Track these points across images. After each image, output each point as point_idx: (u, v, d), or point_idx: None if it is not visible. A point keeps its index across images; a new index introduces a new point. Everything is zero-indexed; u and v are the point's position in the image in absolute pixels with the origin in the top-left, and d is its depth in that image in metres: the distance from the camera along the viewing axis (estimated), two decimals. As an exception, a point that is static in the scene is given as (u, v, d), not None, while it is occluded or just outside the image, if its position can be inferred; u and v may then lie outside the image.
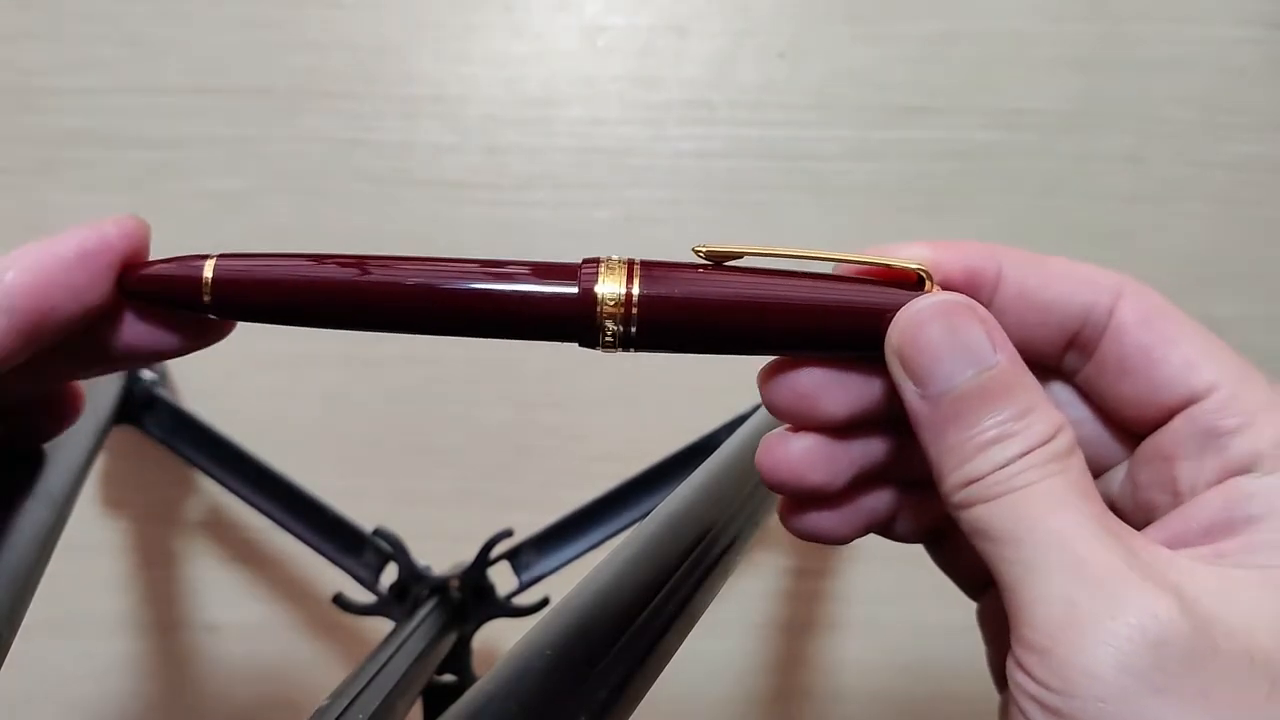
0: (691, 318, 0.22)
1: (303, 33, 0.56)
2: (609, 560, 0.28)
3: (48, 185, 0.56)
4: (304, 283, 0.22)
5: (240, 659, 0.60)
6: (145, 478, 0.59)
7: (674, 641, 0.27)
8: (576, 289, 0.21)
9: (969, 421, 0.20)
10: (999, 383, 0.20)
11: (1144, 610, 0.18)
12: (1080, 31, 0.56)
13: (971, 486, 0.20)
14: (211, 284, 0.22)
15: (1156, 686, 0.17)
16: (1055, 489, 0.19)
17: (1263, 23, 0.56)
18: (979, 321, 0.21)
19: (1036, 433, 0.20)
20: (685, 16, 0.56)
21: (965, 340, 0.21)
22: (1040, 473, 0.20)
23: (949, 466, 0.20)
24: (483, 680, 0.24)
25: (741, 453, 0.37)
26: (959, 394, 0.20)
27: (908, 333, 0.21)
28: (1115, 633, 0.18)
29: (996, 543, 0.20)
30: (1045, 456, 0.20)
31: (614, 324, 0.21)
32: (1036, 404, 0.20)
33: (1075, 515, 0.19)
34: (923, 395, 0.21)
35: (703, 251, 0.22)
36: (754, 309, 0.22)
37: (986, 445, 0.20)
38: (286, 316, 0.23)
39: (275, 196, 0.56)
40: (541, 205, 0.56)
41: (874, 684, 0.61)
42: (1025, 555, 0.19)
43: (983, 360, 0.20)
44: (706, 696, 0.61)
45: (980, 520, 0.20)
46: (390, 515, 0.51)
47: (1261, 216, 0.57)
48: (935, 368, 0.20)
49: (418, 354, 0.58)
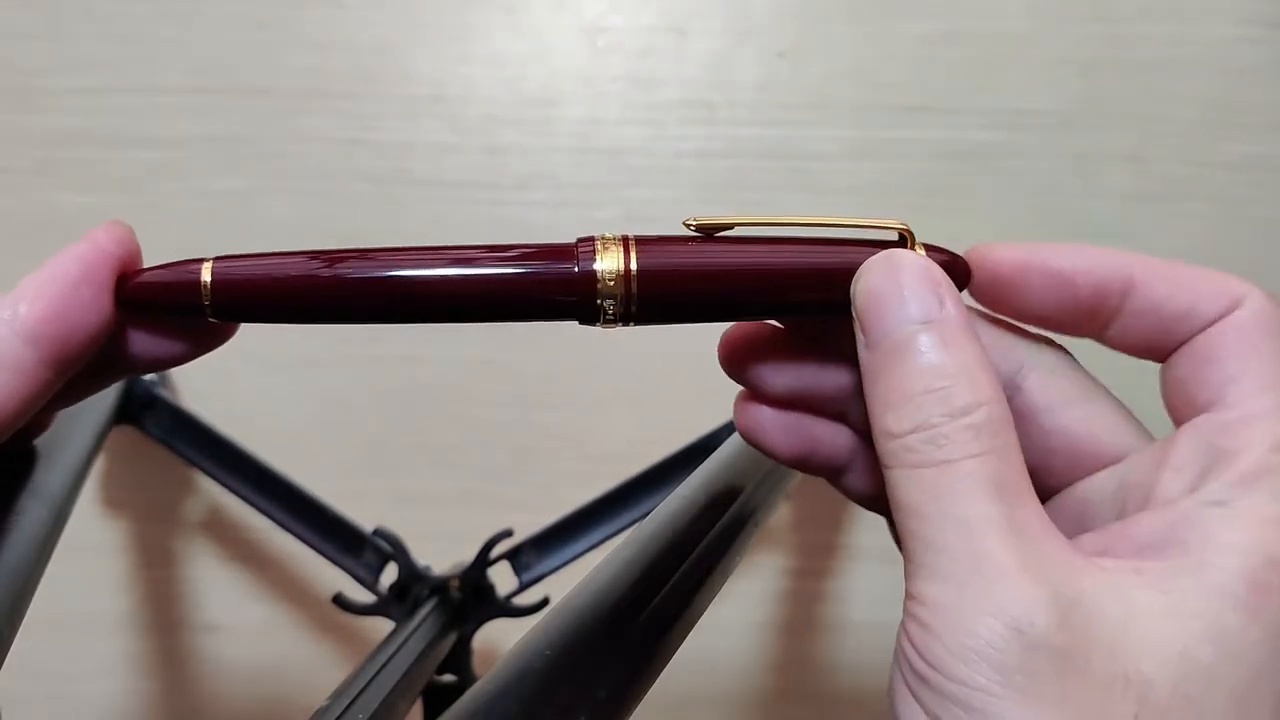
0: (689, 289, 0.22)
1: (303, 33, 0.56)
2: (609, 560, 0.29)
3: (48, 185, 0.56)
4: (302, 280, 0.22)
5: (240, 659, 0.60)
6: (145, 478, 0.59)
7: (674, 641, 0.27)
8: (576, 268, 0.22)
9: (897, 372, 0.21)
10: (937, 337, 0.21)
11: (1024, 613, 0.18)
12: (1080, 31, 0.56)
13: (893, 442, 0.20)
14: (210, 287, 0.22)
15: (1016, 685, 0.18)
16: (973, 471, 0.20)
17: (1263, 23, 0.56)
18: (928, 277, 0.21)
19: (961, 398, 0.20)
20: (685, 16, 0.56)
21: (911, 292, 0.21)
22: (960, 450, 0.20)
23: (876, 414, 0.21)
24: (483, 680, 0.24)
25: (742, 453, 0.37)
26: (894, 342, 0.21)
27: (860, 281, 0.22)
28: (990, 627, 0.18)
29: (904, 512, 0.20)
30: (967, 430, 0.20)
31: (614, 300, 0.22)
32: (968, 369, 0.20)
33: (985, 504, 0.19)
34: (867, 344, 0.21)
35: (694, 224, 0.23)
36: (749, 276, 0.23)
37: (910, 396, 0.20)
38: (287, 315, 0.23)
39: (275, 196, 0.56)
40: (541, 205, 0.56)
41: (874, 684, 0.61)
42: (927, 533, 0.20)
43: (925, 313, 0.21)
44: (706, 696, 0.61)
45: (897, 486, 0.20)
46: (390, 515, 0.51)
47: (1261, 216, 0.57)
48: (880, 316, 0.21)
49: (418, 354, 0.58)
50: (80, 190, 0.56)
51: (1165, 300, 0.22)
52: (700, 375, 0.57)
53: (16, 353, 0.21)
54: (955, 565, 0.19)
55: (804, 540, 0.60)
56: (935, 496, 0.20)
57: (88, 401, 0.43)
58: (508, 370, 0.58)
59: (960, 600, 0.19)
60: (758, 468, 0.36)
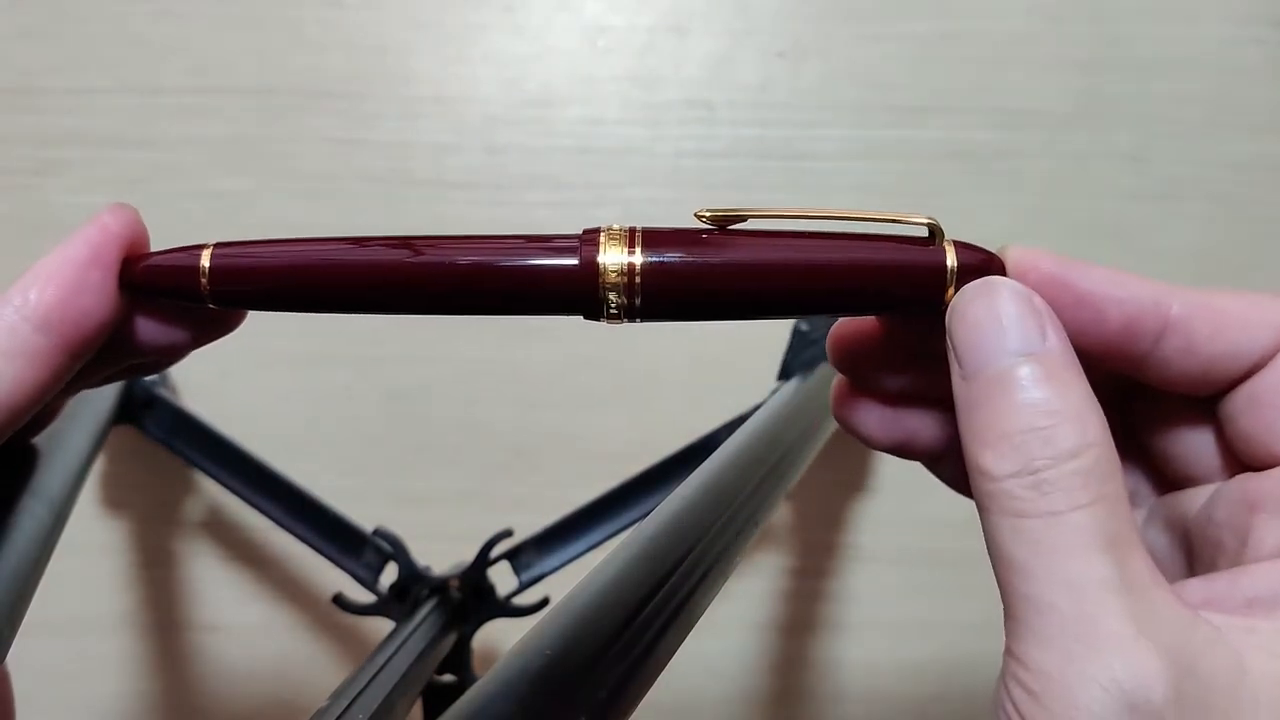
0: (696, 284, 0.21)
1: (302, 33, 0.56)
2: (609, 560, 0.28)
3: (48, 185, 0.56)
4: (302, 267, 0.22)
5: (240, 659, 0.60)
6: (145, 478, 0.59)
7: (674, 641, 0.27)
8: (578, 260, 0.21)
9: (998, 406, 0.19)
10: (1038, 372, 0.19)
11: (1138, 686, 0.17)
12: (1081, 31, 0.56)
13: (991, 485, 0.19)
14: (209, 272, 0.22)
15: None
16: (1081, 525, 0.18)
17: (1263, 23, 0.56)
18: (1030, 306, 0.20)
19: (1066, 440, 0.19)
20: (685, 16, 0.56)
21: (1011, 322, 0.20)
22: (1067, 500, 0.18)
23: (975, 450, 0.20)
24: (482, 680, 0.24)
25: (741, 453, 0.37)
26: (992, 374, 0.20)
27: (957, 308, 0.21)
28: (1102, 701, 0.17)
29: (1006, 565, 0.19)
30: (1075, 478, 0.19)
31: (618, 294, 0.21)
32: (1073, 407, 0.19)
33: (1096, 562, 0.18)
34: (963, 375, 0.20)
35: (705, 216, 0.22)
36: (759, 273, 0.21)
37: (1010, 435, 0.19)
38: (286, 303, 0.22)
39: (275, 196, 0.56)
40: (541, 205, 0.56)
41: (874, 684, 0.61)
42: (1034, 592, 0.18)
43: (1026, 346, 0.20)
44: (706, 696, 0.61)
45: (997, 534, 0.19)
46: (390, 515, 0.51)
47: (1262, 216, 0.57)
48: (976, 346, 0.20)
49: (418, 354, 0.58)
50: (80, 190, 0.56)
51: (1207, 341, 0.21)
52: (700, 375, 0.57)
53: (29, 340, 0.21)
54: (1064, 629, 0.18)
55: (804, 540, 0.60)
56: (1041, 552, 0.18)
57: (88, 401, 0.43)
58: (508, 370, 0.58)
59: (1069, 668, 0.18)
60: (757, 468, 0.36)
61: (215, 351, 0.25)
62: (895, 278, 0.21)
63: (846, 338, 0.24)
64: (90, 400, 0.46)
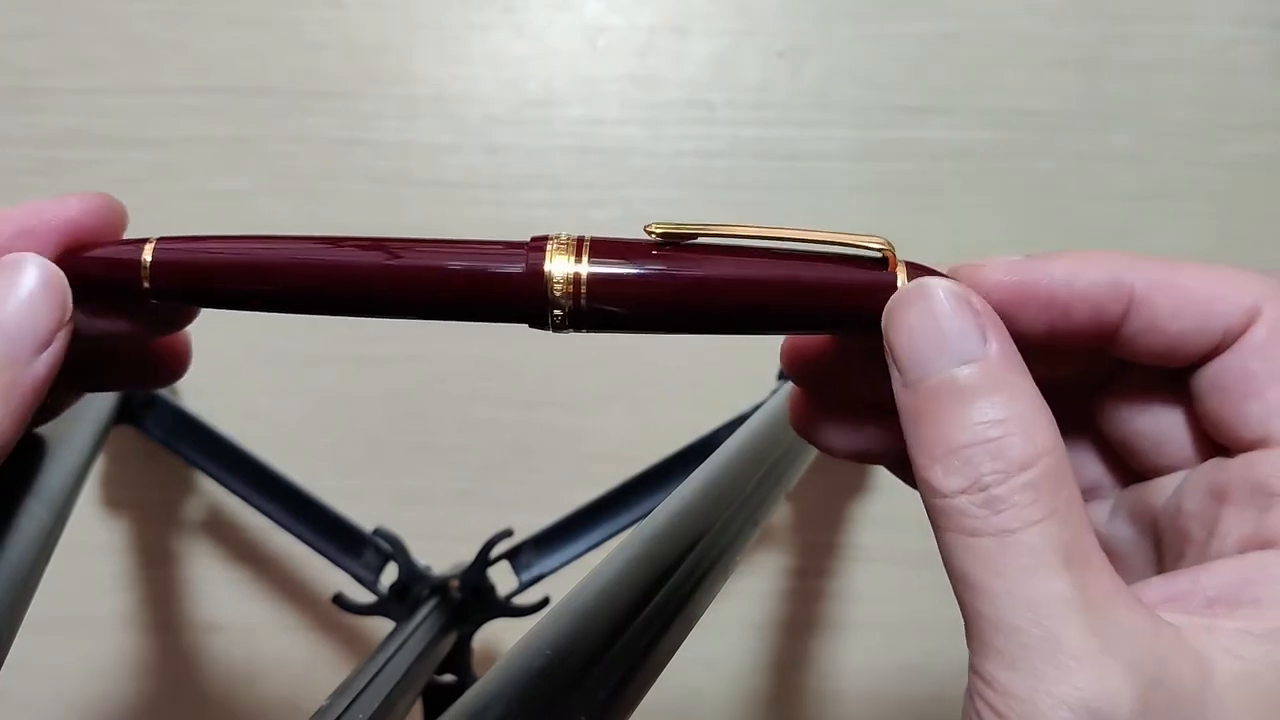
0: (642, 298, 0.21)
1: (302, 33, 0.56)
2: (609, 560, 0.28)
3: (48, 185, 0.56)
4: (246, 265, 0.22)
5: (240, 659, 0.60)
6: (145, 478, 0.59)
7: (674, 641, 0.27)
8: (524, 267, 0.21)
9: (943, 418, 0.19)
10: (982, 380, 0.19)
11: (1106, 704, 0.17)
12: (1080, 31, 0.56)
13: (941, 501, 0.19)
14: (150, 267, 0.21)
15: None
16: (1035, 545, 0.18)
17: (1263, 23, 0.56)
18: (970, 309, 0.19)
19: (1016, 450, 0.18)
20: (685, 16, 0.56)
21: (950, 328, 0.19)
22: (1019, 517, 0.18)
23: (922, 464, 0.19)
24: (482, 680, 0.24)
25: (741, 453, 0.37)
26: (934, 385, 0.19)
27: (892, 315, 0.20)
28: None
29: (964, 585, 0.19)
30: (1027, 492, 0.18)
31: (564, 303, 0.21)
32: (1022, 414, 0.19)
33: (1054, 584, 0.18)
34: (904, 383, 0.20)
35: (656, 230, 0.21)
36: (706, 289, 0.21)
37: (957, 449, 0.18)
38: (230, 300, 0.22)
39: (275, 196, 0.56)
40: (541, 205, 0.56)
41: (874, 684, 0.61)
42: (994, 613, 0.18)
43: (967, 352, 0.19)
44: (706, 696, 0.61)
45: (952, 555, 0.19)
46: (390, 515, 0.51)
47: (1261, 216, 0.57)
48: (915, 354, 0.19)
49: (418, 354, 0.58)
50: (80, 190, 0.56)
51: (1169, 319, 0.20)
52: (700, 375, 0.57)
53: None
54: (1027, 651, 0.18)
55: (804, 540, 0.60)
56: (997, 572, 0.18)
57: (88, 401, 0.43)
58: (508, 370, 0.58)
59: (1036, 689, 0.17)
60: (757, 468, 0.36)
61: (215, 351, 0.26)
62: (845, 299, 0.21)
63: (798, 349, 0.24)
64: (90, 400, 0.46)
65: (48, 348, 0.21)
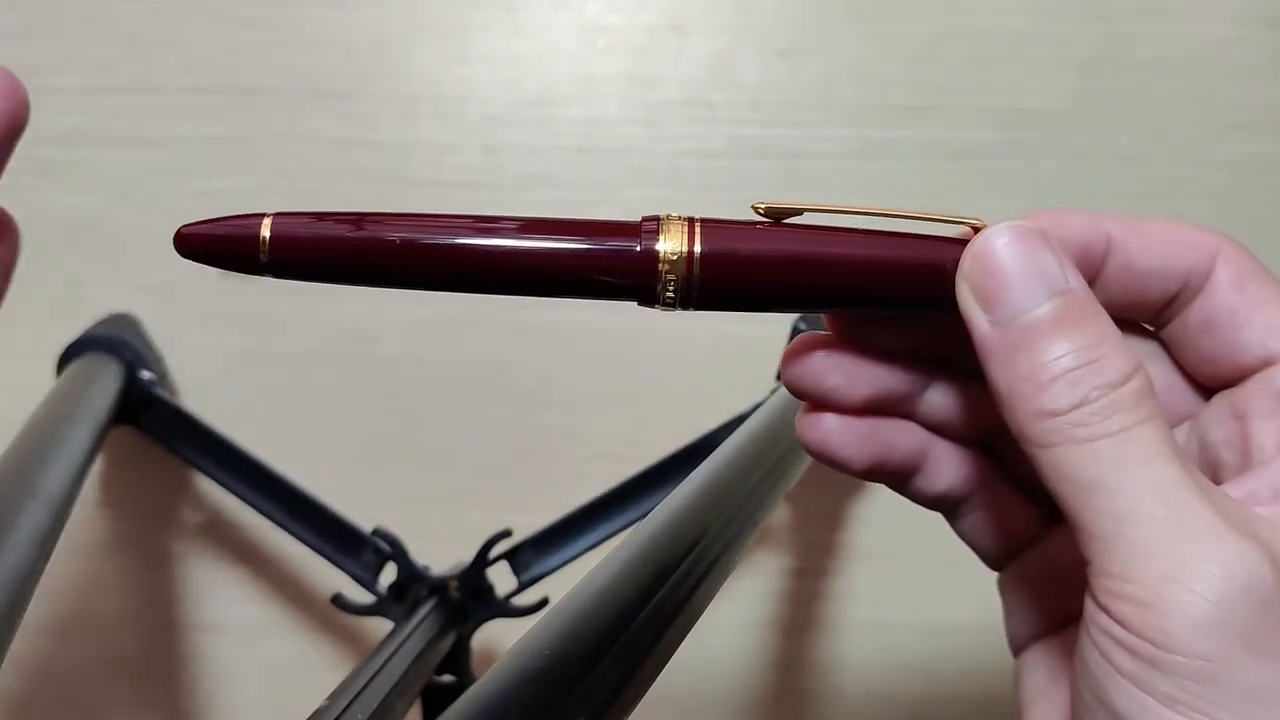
0: (752, 274, 0.22)
1: (301, 32, 0.56)
2: (608, 560, 0.28)
3: (47, 185, 0.56)
4: (361, 242, 0.22)
5: (239, 659, 0.60)
6: (144, 478, 0.59)
7: (673, 641, 0.27)
8: (639, 246, 0.22)
9: (1042, 348, 0.20)
10: (1073, 310, 0.20)
11: (1249, 570, 0.18)
12: (1080, 31, 0.56)
13: (1052, 421, 0.19)
14: (269, 243, 0.22)
15: (1259, 647, 0.18)
16: (1148, 437, 0.19)
17: (1263, 22, 0.56)
18: (1050, 248, 0.21)
19: (1115, 368, 0.20)
20: (685, 16, 0.56)
21: (1038, 265, 0.20)
22: (1129, 418, 0.19)
23: (1024, 396, 0.20)
24: (481, 680, 0.24)
25: (741, 453, 0.37)
26: (1031, 319, 0.20)
27: (980, 257, 0.21)
28: (1222, 592, 0.18)
29: (1085, 490, 0.19)
30: (1131, 399, 0.19)
31: (675, 282, 0.21)
32: (1110, 337, 0.20)
33: (1171, 467, 0.19)
34: (993, 321, 0.20)
35: (762, 208, 0.22)
36: (814, 265, 0.22)
37: (1063, 373, 0.19)
38: (342, 276, 0.23)
39: (275, 196, 0.56)
40: (540, 205, 0.56)
41: (874, 684, 0.61)
42: (1121, 506, 0.19)
43: (1056, 285, 0.20)
44: (706, 696, 0.61)
45: (1068, 463, 0.19)
46: (389, 515, 0.51)
47: (1261, 216, 0.57)
48: (1008, 292, 0.20)
49: (418, 354, 0.58)
50: (80, 190, 0.56)
51: (1140, 256, 0.22)
52: (700, 375, 0.57)
53: None
54: (1163, 533, 0.18)
55: (804, 540, 0.60)
56: (1119, 466, 0.19)
57: (87, 401, 0.43)
58: (507, 370, 0.58)
59: (1183, 569, 0.18)
60: (757, 468, 0.36)
61: (214, 351, 0.25)
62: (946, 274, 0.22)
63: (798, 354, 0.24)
64: (89, 400, 0.47)
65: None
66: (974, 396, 0.24)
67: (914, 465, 0.25)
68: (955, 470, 0.25)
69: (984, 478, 0.25)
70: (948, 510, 0.26)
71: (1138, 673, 0.18)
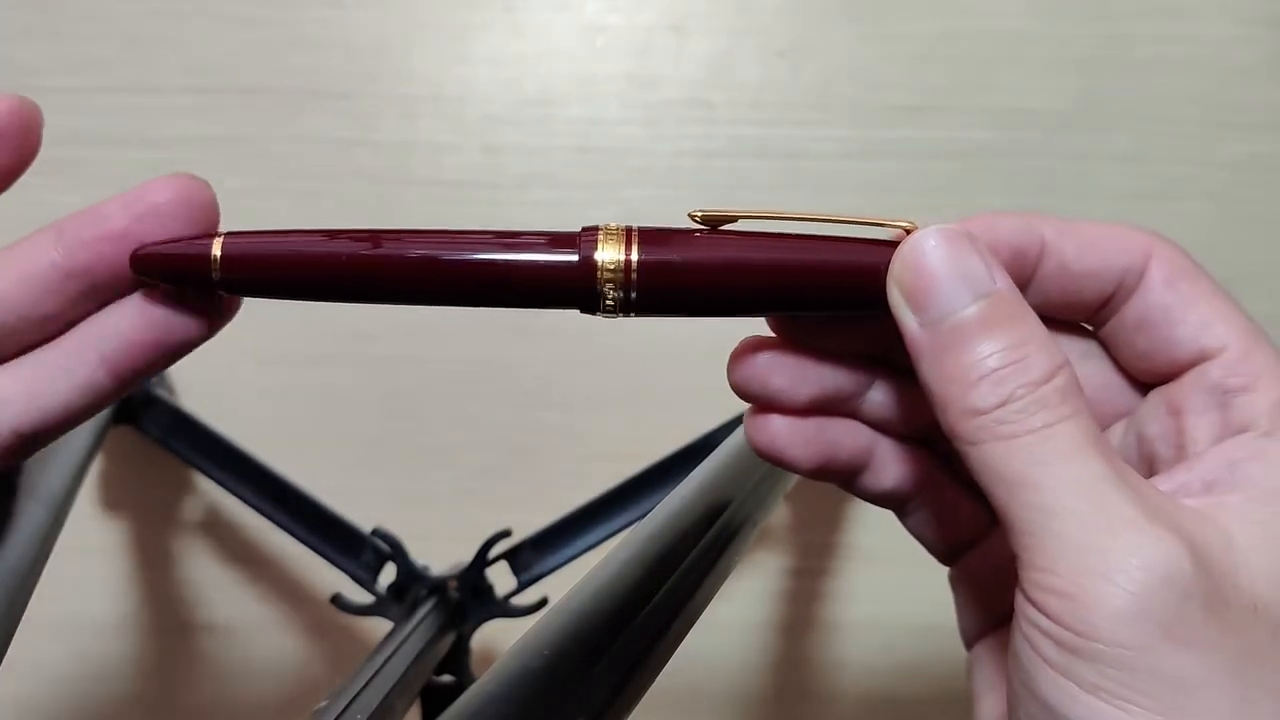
0: (690, 281, 0.22)
1: (301, 32, 0.56)
2: (607, 560, 0.28)
3: (47, 185, 0.55)
4: (310, 257, 0.23)
5: (239, 659, 0.60)
6: (143, 478, 0.59)
7: (673, 641, 0.27)
8: (577, 256, 0.22)
9: (969, 349, 0.20)
10: (998, 311, 0.21)
11: (1168, 562, 0.18)
12: (1079, 31, 0.56)
13: (979, 419, 0.20)
14: (220, 261, 0.22)
15: (1178, 636, 0.18)
16: (1071, 433, 0.20)
17: (1263, 22, 0.56)
18: (977, 250, 0.21)
19: (1039, 366, 0.20)
20: (684, 16, 0.56)
21: (964, 267, 0.21)
22: (1053, 414, 0.20)
23: (952, 395, 0.20)
24: (481, 681, 0.24)
25: (740, 453, 0.37)
26: (958, 320, 0.21)
27: (909, 260, 0.21)
28: (1142, 583, 0.18)
29: (1011, 485, 0.20)
30: (1054, 396, 0.20)
31: (614, 290, 0.22)
32: (1036, 337, 0.21)
33: (1093, 462, 0.19)
34: (922, 323, 0.21)
35: (698, 216, 0.23)
36: (750, 270, 0.22)
37: (989, 373, 0.20)
38: (294, 291, 0.23)
39: (275, 196, 0.56)
40: (540, 204, 0.56)
41: (873, 684, 0.61)
42: (1045, 500, 0.19)
43: (982, 287, 0.21)
44: (705, 696, 0.61)
45: (994, 460, 0.20)
46: (389, 515, 0.51)
47: (1261, 216, 0.57)
48: (935, 293, 0.21)
49: (417, 354, 0.58)
50: (79, 190, 0.56)
51: (1075, 259, 0.22)
52: (699, 375, 0.57)
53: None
54: (1085, 527, 0.19)
55: (804, 540, 0.60)
56: (1041, 461, 0.19)
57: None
58: (507, 370, 0.58)
59: (1103, 562, 0.18)
60: (757, 468, 0.36)
61: (214, 351, 0.25)
62: (880, 276, 0.22)
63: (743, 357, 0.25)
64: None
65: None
66: (914, 395, 0.24)
67: (860, 463, 0.26)
68: (899, 468, 0.26)
69: (928, 475, 0.26)
70: (895, 507, 0.27)
71: (1063, 662, 0.19)
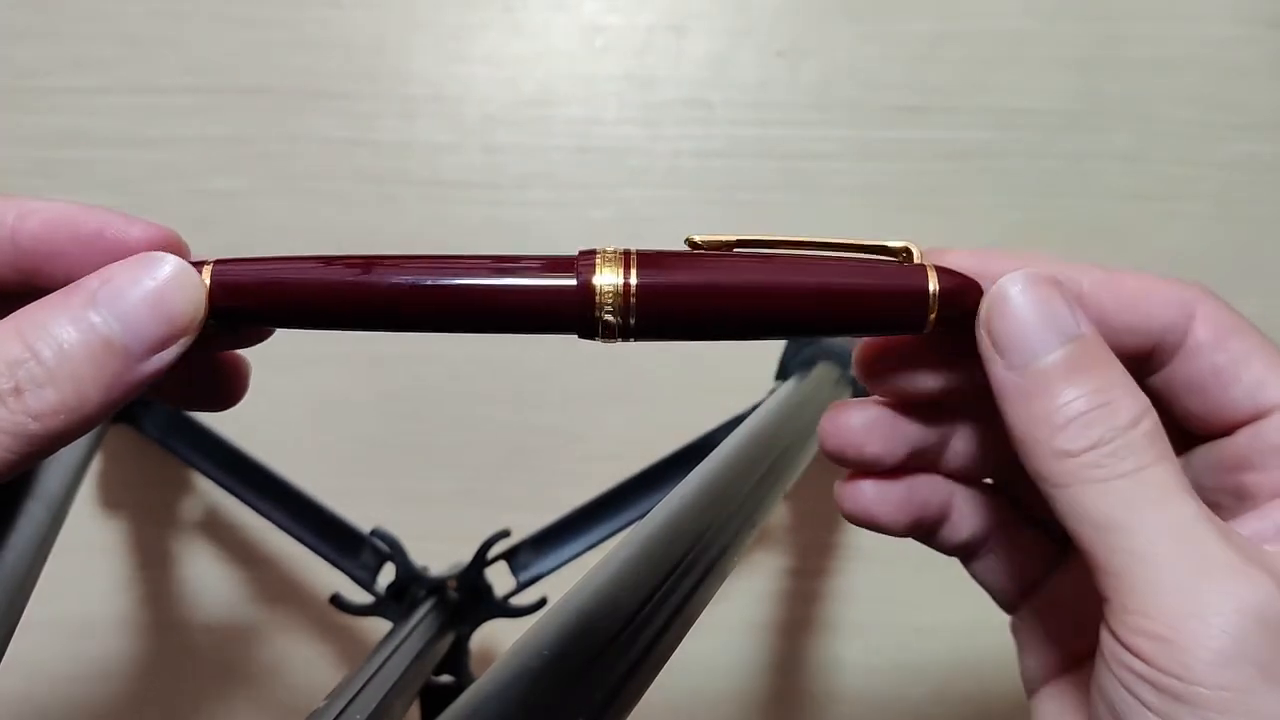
0: (688, 305, 0.22)
1: (300, 32, 0.56)
2: (607, 560, 0.28)
3: (47, 185, 0.56)
4: (303, 285, 0.22)
5: (237, 659, 0.60)
6: (142, 478, 0.59)
7: (672, 642, 0.27)
8: (575, 281, 0.22)
9: (1056, 392, 0.20)
10: (1085, 355, 0.21)
11: (1263, 603, 0.19)
12: (1079, 31, 0.56)
13: (1069, 462, 0.20)
14: (209, 290, 0.22)
15: (1274, 677, 0.18)
16: (1161, 477, 0.20)
17: (1262, 22, 0.56)
18: (1063, 296, 0.21)
19: (1127, 410, 0.20)
20: (684, 16, 0.56)
21: (1052, 312, 0.21)
22: (1143, 458, 0.20)
23: (1040, 437, 0.21)
24: (480, 681, 0.24)
25: (740, 453, 0.37)
26: (1045, 365, 0.21)
27: (995, 304, 0.21)
28: (1238, 625, 0.18)
29: (1101, 528, 0.20)
30: (1142, 440, 0.20)
31: (612, 314, 0.22)
32: (1121, 382, 0.21)
33: (1184, 506, 0.19)
34: (1008, 366, 0.21)
35: (697, 242, 0.23)
36: (749, 294, 0.22)
37: (1077, 416, 0.20)
38: (286, 320, 0.23)
39: (274, 196, 0.56)
40: (539, 205, 0.56)
41: (872, 685, 0.61)
42: (1136, 544, 0.19)
43: (1068, 331, 0.21)
44: (704, 696, 0.61)
45: (1083, 503, 0.20)
46: (388, 515, 0.51)
47: (1261, 216, 0.57)
48: (1022, 338, 0.21)
49: (417, 354, 0.58)
50: (79, 190, 0.56)
51: (1113, 313, 0.22)
52: (699, 375, 0.57)
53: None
54: (1178, 570, 0.19)
55: (804, 540, 0.60)
56: (1132, 505, 0.20)
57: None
58: (506, 370, 0.58)
59: (1199, 604, 0.19)
60: (756, 468, 0.36)
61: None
62: (881, 301, 0.22)
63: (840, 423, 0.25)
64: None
65: (164, 350, 0.21)
66: (991, 440, 0.25)
67: (944, 515, 0.26)
68: (975, 515, 0.26)
69: (1000, 519, 0.26)
70: (968, 555, 0.27)
71: (1163, 706, 0.19)
